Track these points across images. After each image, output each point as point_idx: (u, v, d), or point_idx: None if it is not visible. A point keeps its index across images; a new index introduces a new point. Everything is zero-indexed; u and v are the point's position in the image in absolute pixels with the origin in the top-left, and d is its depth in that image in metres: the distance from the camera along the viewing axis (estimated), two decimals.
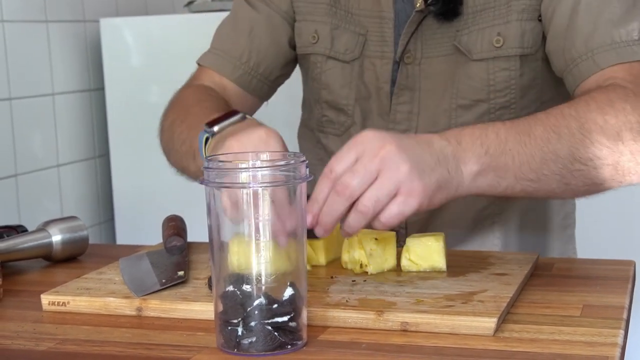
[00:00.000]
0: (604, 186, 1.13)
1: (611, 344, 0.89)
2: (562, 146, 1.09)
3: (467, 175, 1.06)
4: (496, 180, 1.08)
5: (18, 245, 1.25)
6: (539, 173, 1.09)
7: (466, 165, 1.06)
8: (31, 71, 2.27)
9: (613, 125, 1.10)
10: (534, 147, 1.09)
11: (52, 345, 0.94)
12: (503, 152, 1.08)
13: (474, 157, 1.06)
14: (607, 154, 1.10)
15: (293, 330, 0.89)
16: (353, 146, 1.02)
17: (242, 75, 1.44)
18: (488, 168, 1.07)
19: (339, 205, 1.00)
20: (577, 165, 1.10)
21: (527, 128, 1.10)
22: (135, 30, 2.46)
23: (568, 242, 1.48)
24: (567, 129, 1.10)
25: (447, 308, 0.96)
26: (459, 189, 1.06)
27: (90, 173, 2.52)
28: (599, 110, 1.11)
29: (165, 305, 1.02)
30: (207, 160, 0.90)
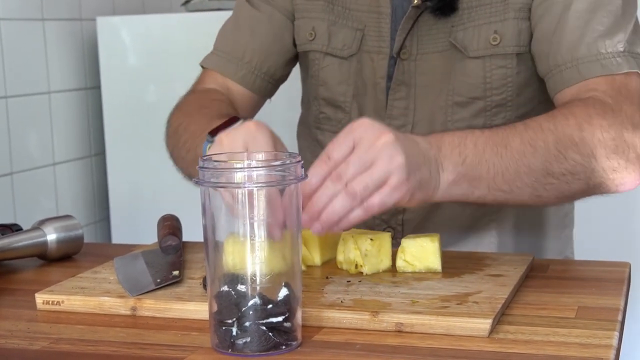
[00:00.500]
0: (574, 198, 1.18)
1: (606, 346, 0.89)
2: (536, 160, 1.11)
3: (443, 182, 1.08)
4: (470, 189, 1.10)
5: (13, 244, 1.25)
6: (512, 185, 1.11)
7: (444, 173, 1.08)
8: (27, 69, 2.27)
9: (588, 142, 1.12)
10: (510, 159, 1.10)
11: (46, 344, 0.93)
12: (479, 163, 1.09)
13: (452, 165, 1.08)
14: (579, 170, 1.12)
15: (287, 331, 0.89)
16: (350, 133, 1.03)
17: (245, 75, 1.44)
18: (463, 178, 1.09)
19: (332, 190, 1.01)
20: (550, 179, 1.12)
21: (505, 139, 1.11)
22: (132, 28, 2.46)
23: (566, 242, 1.48)
24: (543, 142, 1.11)
25: (442, 309, 0.96)
26: (435, 193, 1.09)
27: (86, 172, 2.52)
28: (577, 127, 1.13)
29: (159, 305, 1.01)
30: (202, 160, 0.90)
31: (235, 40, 1.45)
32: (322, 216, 1.01)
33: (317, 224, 1.02)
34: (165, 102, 1.48)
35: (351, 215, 1.02)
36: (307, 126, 1.49)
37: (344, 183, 1.00)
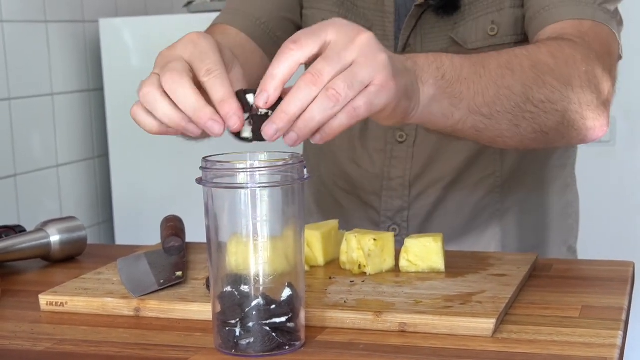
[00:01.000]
0: (549, 137, 1.10)
1: (610, 345, 0.88)
2: (515, 83, 1.05)
3: (423, 97, 0.98)
4: (450, 109, 1.01)
5: (16, 246, 1.25)
6: (492, 108, 1.04)
7: (424, 86, 0.98)
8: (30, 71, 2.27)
9: (563, 70, 1.09)
10: (489, 79, 1.04)
11: (50, 345, 0.93)
12: (459, 79, 1.01)
13: (431, 78, 0.98)
14: (557, 98, 1.08)
15: (291, 331, 0.88)
16: (324, 29, 0.89)
17: (261, 36, 1.39)
18: (444, 93, 1.00)
19: (306, 92, 0.86)
20: (529, 106, 1.06)
21: (481, 61, 1.05)
22: (134, 30, 2.46)
23: (569, 232, 1.48)
24: (520, 66, 1.07)
25: (446, 309, 0.96)
26: (416, 108, 0.98)
27: (89, 173, 2.52)
28: (549, 54, 1.09)
29: (163, 305, 1.01)
30: (205, 160, 0.90)
31: (252, 1, 1.41)
32: (299, 122, 0.86)
33: (292, 132, 0.87)
34: None
35: (333, 122, 0.88)
36: None
37: (320, 83, 0.86)
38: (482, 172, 1.39)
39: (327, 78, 0.86)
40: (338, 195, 1.47)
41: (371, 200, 1.42)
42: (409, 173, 1.39)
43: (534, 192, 1.43)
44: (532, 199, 1.43)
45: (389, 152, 1.39)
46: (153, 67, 0.96)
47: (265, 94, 0.87)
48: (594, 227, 2.12)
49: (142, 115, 0.94)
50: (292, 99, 0.86)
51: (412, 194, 1.40)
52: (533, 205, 1.43)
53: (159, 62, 0.95)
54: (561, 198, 1.46)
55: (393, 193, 1.40)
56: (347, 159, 1.44)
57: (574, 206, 1.49)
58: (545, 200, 1.44)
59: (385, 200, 1.41)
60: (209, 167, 0.89)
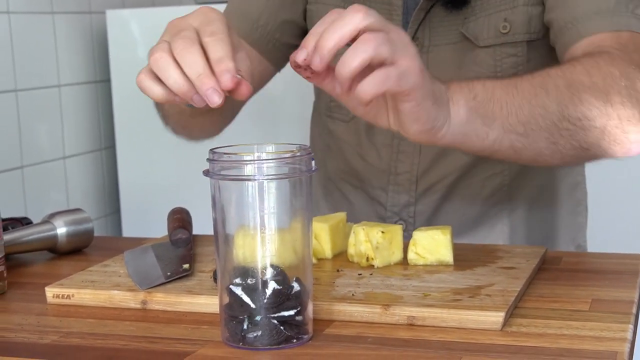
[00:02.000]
0: (590, 152, 1.10)
1: (620, 339, 0.88)
2: (550, 102, 1.05)
3: (454, 117, 1.00)
4: (484, 129, 1.02)
5: (23, 238, 1.25)
6: (527, 127, 1.04)
7: (454, 106, 1.00)
8: (37, 63, 2.27)
9: (601, 87, 1.07)
10: (522, 99, 1.04)
11: (56, 338, 0.93)
12: (491, 100, 1.02)
13: (462, 99, 1.00)
14: (595, 115, 1.06)
15: (299, 324, 0.88)
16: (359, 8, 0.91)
17: (259, 39, 1.39)
18: (476, 113, 1.01)
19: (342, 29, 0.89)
20: (566, 124, 1.06)
21: (514, 83, 1.06)
22: (141, 21, 2.45)
23: (578, 230, 1.47)
24: (554, 86, 1.06)
25: (454, 302, 0.95)
26: (446, 128, 0.99)
27: (96, 165, 2.52)
28: (585, 72, 1.08)
29: (170, 298, 1.01)
30: (212, 152, 0.89)
31: (250, 3, 1.41)
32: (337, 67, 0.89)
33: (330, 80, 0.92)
34: None
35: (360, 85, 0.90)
36: (319, 114, 1.48)
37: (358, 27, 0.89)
38: (490, 169, 1.38)
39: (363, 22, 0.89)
40: (345, 189, 1.47)
41: (378, 195, 1.42)
42: (416, 168, 1.38)
43: (543, 190, 1.42)
44: (541, 197, 1.42)
45: (396, 146, 1.38)
46: (162, 35, 0.97)
47: (304, 50, 0.89)
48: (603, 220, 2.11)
49: (149, 82, 0.95)
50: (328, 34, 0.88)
51: (419, 189, 1.38)
52: (542, 203, 1.42)
53: (170, 30, 0.96)
54: (571, 196, 1.45)
55: (400, 188, 1.39)
56: (354, 154, 1.43)
57: (583, 204, 1.48)
58: (554, 199, 1.43)
59: (392, 195, 1.40)
60: (216, 159, 0.88)
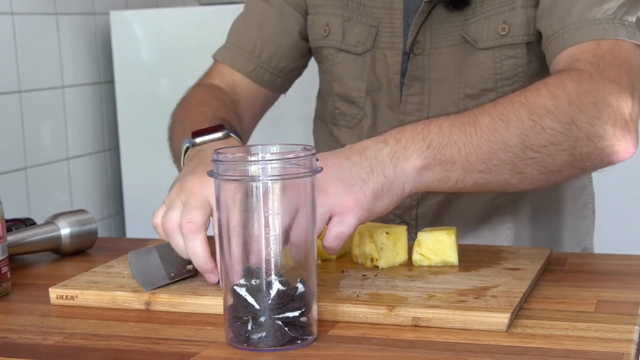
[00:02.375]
0: (562, 174, 1.10)
1: (626, 340, 0.87)
2: (510, 135, 1.05)
3: (410, 172, 1.03)
4: (444, 173, 1.05)
5: (26, 239, 1.24)
6: (488, 164, 1.05)
7: (408, 162, 1.03)
8: (41, 64, 2.27)
9: (565, 109, 1.07)
10: (481, 137, 1.05)
11: (60, 339, 0.93)
12: (447, 144, 1.04)
13: (415, 152, 1.03)
14: (560, 140, 1.06)
15: (303, 325, 0.88)
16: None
17: (255, 70, 1.43)
18: (433, 162, 1.03)
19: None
20: (530, 153, 1.06)
21: (473, 119, 1.06)
22: (145, 22, 2.45)
23: (584, 234, 1.46)
24: (515, 116, 1.06)
25: (459, 303, 0.95)
26: (405, 187, 1.03)
27: (100, 166, 2.52)
28: (550, 96, 1.08)
29: (174, 299, 1.01)
30: (216, 153, 0.89)
31: (244, 34, 1.44)
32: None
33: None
34: (179, 96, 1.47)
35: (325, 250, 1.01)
36: (324, 121, 1.48)
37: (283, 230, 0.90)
38: None
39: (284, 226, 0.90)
40: None
41: None
42: None
43: (547, 193, 1.40)
44: (545, 200, 1.41)
45: None
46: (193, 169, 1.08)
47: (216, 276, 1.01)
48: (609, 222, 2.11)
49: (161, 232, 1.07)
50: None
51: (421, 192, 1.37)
52: (547, 207, 1.41)
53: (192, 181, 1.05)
54: (577, 199, 1.44)
55: None
56: None
57: (589, 207, 1.47)
58: (560, 202, 1.42)
59: None
60: (220, 160, 0.88)
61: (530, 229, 1.40)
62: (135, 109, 2.47)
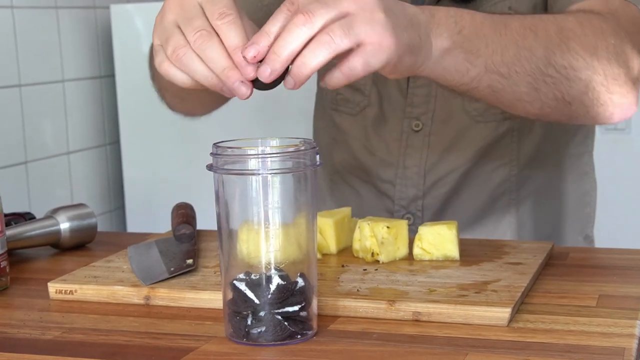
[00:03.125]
0: (572, 108, 1.07)
1: (628, 335, 0.87)
2: (538, 45, 1.03)
3: (436, 49, 0.96)
4: (465, 64, 0.99)
5: (26, 233, 1.24)
6: (510, 68, 1.01)
7: (437, 39, 0.96)
8: (41, 58, 2.26)
9: (590, 39, 1.05)
10: (509, 38, 1.01)
11: (59, 334, 0.92)
12: (477, 36, 0.99)
13: (447, 32, 0.96)
14: (581, 66, 1.04)
15: (303, 320, 0.87)
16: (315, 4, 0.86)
17: (263, 18, 1.37)
18: (459, 48, 0.97)
19: (296, 36, 0.84)
20: (551, 70, 1.03)
21: (504, 20, 1.03)
22: (146, 16, 2.45)
23: (586, 221, 1.46)
24: (544, 30, 1.04)
25: (461, 298, 0.94)
26: (426, 62, 0.95)
27: (101, 161, 2.52)
28: (577, 23, 1.06)
29: (173, 294, 1.00)
30: (215, 146, 0.88)
31: None
32: (293, 69, 0.85)
33: (289, 78, 0.86)
34: None
35: (330, 79, 0.88)
36: (323, 107, 1.47)
37: (311, 23, 0.84)
38: (498, 160, 1.37)
39: (319, 21, 0.84)
40: (353, 183, 1.46)
41: (386, 189, 1.41)
42: (424, 162, 1.37)
43: (550, 181, 1.41)
44: (548, 187, 1.41)
45: (405, 141, 1.38)
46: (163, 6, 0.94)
47: (256, 47, 0.85)
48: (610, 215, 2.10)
49: (175, 71, 0.92)
50: (282, 40, 0.84)
51: (427, 182, 1.38)
52: (550, 194, 1.41)
53: (172, 6, 0.92)
54: (579, 187, 1.44)
55: (408, 182, 1.38)
56: (361, 147, 1.42)
57: (591, 195, 1.47)
58: (562, 189, 1.42)
59: (400, 188, 1.39)
60: (219, 153, 0.87)
61: (533, 217, 1.40)
62: (136, 103, 2.46)
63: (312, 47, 0.84)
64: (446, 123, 1.35)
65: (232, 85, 0.87)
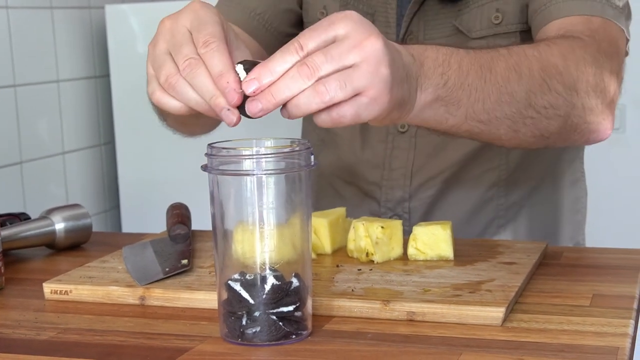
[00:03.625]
0: (550, 141, 1.09)
1: (622, 334, 0.87)
2: (520, 89, 1.02)
3: (419, 103, 0.95)
4: (444, 115, 0.98)
5: (21, 233, 1.24)
6: (490, 115, 1.01)
7: (422, 93, 0.95)
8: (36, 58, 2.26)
9: (572, 73, 1.06)
10: (493, 84, 1.00)
11: (54, 334, 0.92)
12: (461, 87, 0.98)
13: (432, 86, 0.95)
14: (561, 104, 1.05)
15: (298, 320, 0.87)
16: (332, 25, 0.86)
17: (257, 27, 1.37)
18: (441, 101, 0.97)
19: (298, 84, 0.84)
20: (531, 111, 1.03)
21: (490, 62, 1.02)
22: (141, 16, 2.45)
23: (577, 228, 1.46)
24: (528, 69, 1.03)
25: (455, 297, 0.94)
26: (407, 114, 0.95)
27: (96, 161, 2.51)
28: (561, 56, 1.06)
29: (168, 294, 1.00)
30: (210, 147, 0.88)
31: None
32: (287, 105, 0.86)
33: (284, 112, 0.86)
34: None
35: (317, 118, 0.87)
36: None
37: (314, 77, 0.84)
38: (486, 164, 1.36)
39: (323, 74, 0.84)
40: (337, 185, 1.45)
41: (371, 191, 1.40)
42: (410, 164, 1.36)
43: (541, 187, 1.40)
44: (539, 194, 1.40)
45: (391, 142, 1.37)
46: (155, 34, 0.94)
47: (256, 83, 0.84)
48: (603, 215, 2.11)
49: (167, 99, 0.92)
50: (283, 86, 0.84)
51: (414, 184, 1.37)
52: (540, 201, 1.40)
53: (164, 35, 0.93)
54: (570, 193, 1.44)
55: (394, 183, 1.37)
56: (348, 149, 1.41)
57: (582, 201, 1.46)
58: (553, 196, 1.42)
59: (386, 191, 1.38)
60: (214, 154, 0.87)
61: (524, 223, 1.39)
62: (131, 103, 2.46)
63: (307, 94, 0.84)
64: None
65: (219, 112, 0.86)
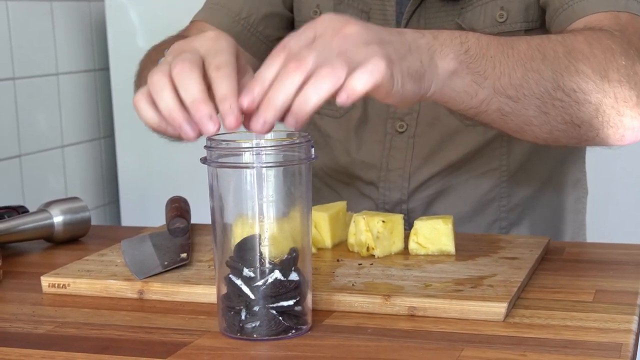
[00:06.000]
0: (581, 130, 1.03)
1: (625, 330, 0.86)
2: (546, 67, 0.99)
3: (442, 72, 0.93)
4: (473, 86, 0.95)
5: (19, 226, 1.23)
6: (519, 91, 0.98)
7: (442, 60, 0.92)
8: (35, 51, 2.25)
9: (600, 60, 1.02)
10: (517, 60, 0.98)
11: (51, 328, 0.92)
12: (484, 57, 0.95)
13: (452, 52, 0.93)
14: (591, 89, 1.00)
15: (298, 315, 0.87)
16: (312, 26, 0.87)
17: (241, 32, 1.37)
18: (467, 69, 0.94)
19: (290, 83, 0.82)
20: (559, 93, 1.00)
21: (510, 42, 0.99)
22: (140, 9, 2.43)
23: (579, 228, 1.45)
24: (552, 51, 1.01)
25: (456, 292, 0.94)
26: (433, 85, 0.92)
27: (95, 154, 2.51)
28: (586, 43, 1.02)
29: (167, 288, 1.00)
30: (209, 139, 0.87)
31: None
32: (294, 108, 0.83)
33: (290, 118, 0.83)
34: None
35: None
36: None
37: (304, 69, 0.82)
38: (486, 165, 1.34)
39: (310, 65, 0.82)
40: (334, 185, 1.44)
41: (368, 192, 1.38)
42: (409, 164, 1.35)
43: (543, 188, 1.38)
44: (541, 195, 1.38)
45: (388, 142, 1.35)
46: (165, 57, 0.93)
47: (251, 95, 0.83)
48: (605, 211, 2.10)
49: (144, 104, 0.91)
50: (276, 88, 0.82)
51: (411, 186, 1.35)
52: (542, 202, 1.39)
53: (173, 52, 0.91)
54: (572, 194, 1.42)
55: (391, 185, 1.36)
56: (343, 150, 1.40)
57: (583, 201, 1.45)
58: (555, 197, 1.40)
59: (383, 192, 1.37)
60: (213, 147, 0.87)
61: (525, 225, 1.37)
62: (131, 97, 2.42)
63: (306, 92, 0.82)
64: (432, 125, 1.33)
65: (199, 118, 0.83)
